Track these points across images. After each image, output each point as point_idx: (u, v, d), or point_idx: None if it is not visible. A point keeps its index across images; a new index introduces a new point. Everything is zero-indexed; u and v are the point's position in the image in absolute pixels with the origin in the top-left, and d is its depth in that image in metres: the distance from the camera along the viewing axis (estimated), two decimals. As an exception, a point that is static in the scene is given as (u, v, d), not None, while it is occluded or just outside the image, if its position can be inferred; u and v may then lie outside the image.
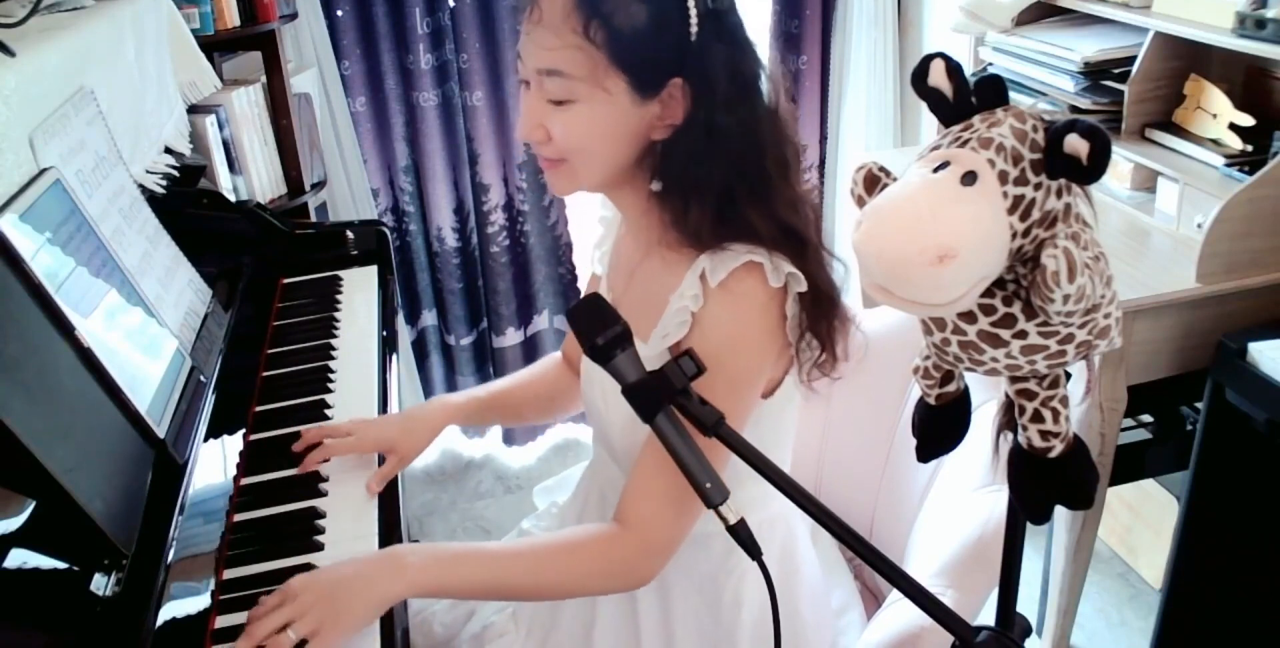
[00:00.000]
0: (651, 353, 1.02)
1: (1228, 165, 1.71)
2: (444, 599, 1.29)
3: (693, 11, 0.95)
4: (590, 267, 1.28)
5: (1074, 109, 1.94)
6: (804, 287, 0.99)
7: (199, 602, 1.00)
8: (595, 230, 1.27)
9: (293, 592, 0.94)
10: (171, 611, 0.95)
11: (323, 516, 1.15)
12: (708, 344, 0.97)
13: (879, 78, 2.50)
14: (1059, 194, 0.74)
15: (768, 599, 0.88)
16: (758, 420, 1.06)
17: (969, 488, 1.14)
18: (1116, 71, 1.92)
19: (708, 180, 0.98)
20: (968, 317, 0.78)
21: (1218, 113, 1.77)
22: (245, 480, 1.21)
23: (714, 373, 0.95)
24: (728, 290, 0.98)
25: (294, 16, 2.11)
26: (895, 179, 0.80)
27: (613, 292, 1.16)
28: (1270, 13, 1.55)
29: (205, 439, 1.18)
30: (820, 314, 1.01)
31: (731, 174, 0.98)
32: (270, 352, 1.50)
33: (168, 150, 1.61)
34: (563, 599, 1.18)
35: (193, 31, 1.78)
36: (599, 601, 1.17)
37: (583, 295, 1.09)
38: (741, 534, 0.86)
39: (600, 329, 0.90)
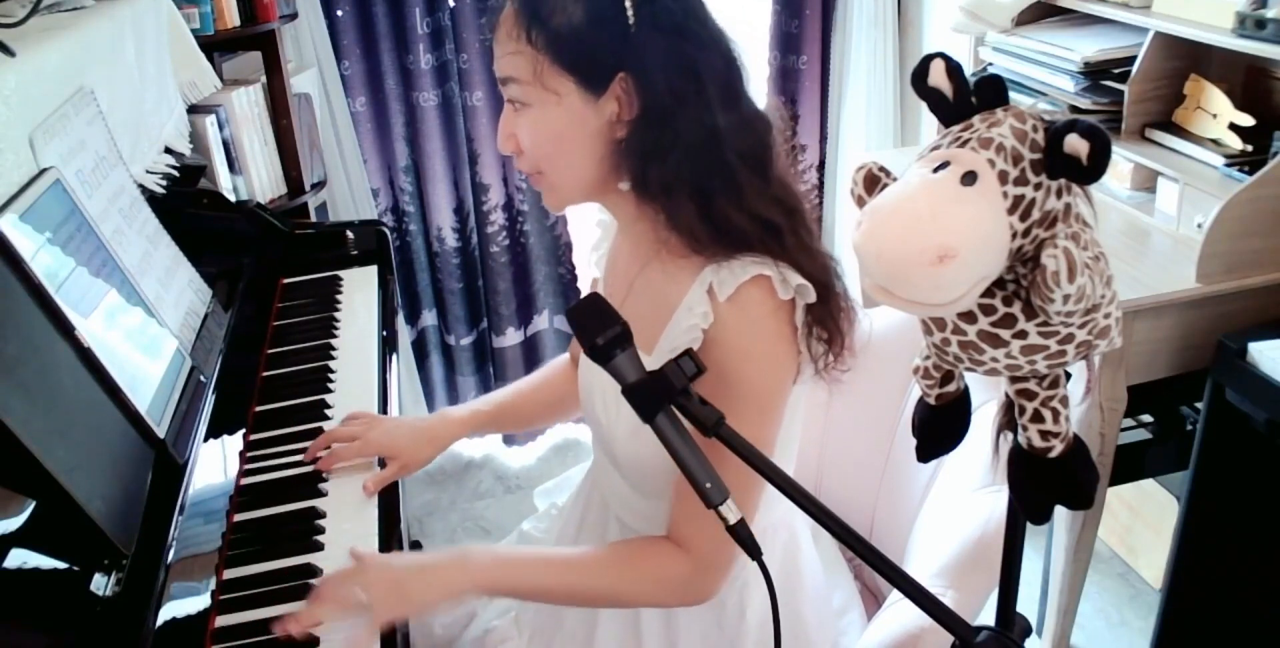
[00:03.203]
0: (656, 364, 1.02)
1: (1228, 165, 1.71)
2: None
3: (627, 2, 0.94)
4: (590, 269, 1.28)
5: (1074, 109, 1.94)
6: (812, 298, 0.98)
7: (199, 602, 1.00)
8: (594, 233, 1.27)
9: (368, 565, 0.99)
10: (171, 611, 0.95)
11: (323, 515, 1.15)
12: (727, 362, 0.97)
13: (879, 78, 2.50)
14: (1059, 194, 0.74)
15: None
16: None
17: (969, 488, 1.14)
18: (1116, 71, 1.92)
19: (673, 175, 0.97)
20: (968, 317, 0.78)
21: (1218, 113, 1.77)
22: (245, 481, 1.21)
23: (740, 388, 0.96)
24: (738, 305, 0.97)
25: (294, 16, 2.11)
26: (895, 179, 0.80)
27: (612, 298, 1.16)
28: (1270, 13, 1.55)
29: (205, 439, 1.18)
30: (823, 308, 1.00)
31: (695, 167, 0.97)
32: (270, 352, 1.50)
33: (168, 150, 1.61)
34: (613, 608, 1.19)
35: (193, 31, 1.78)
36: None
37: (584, 295, 1.09)
38: (741, 534, 0.86)
39: (600, 329, 0.89)
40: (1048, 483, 0.84)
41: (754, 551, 0.86)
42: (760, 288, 0.97)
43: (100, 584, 0.90)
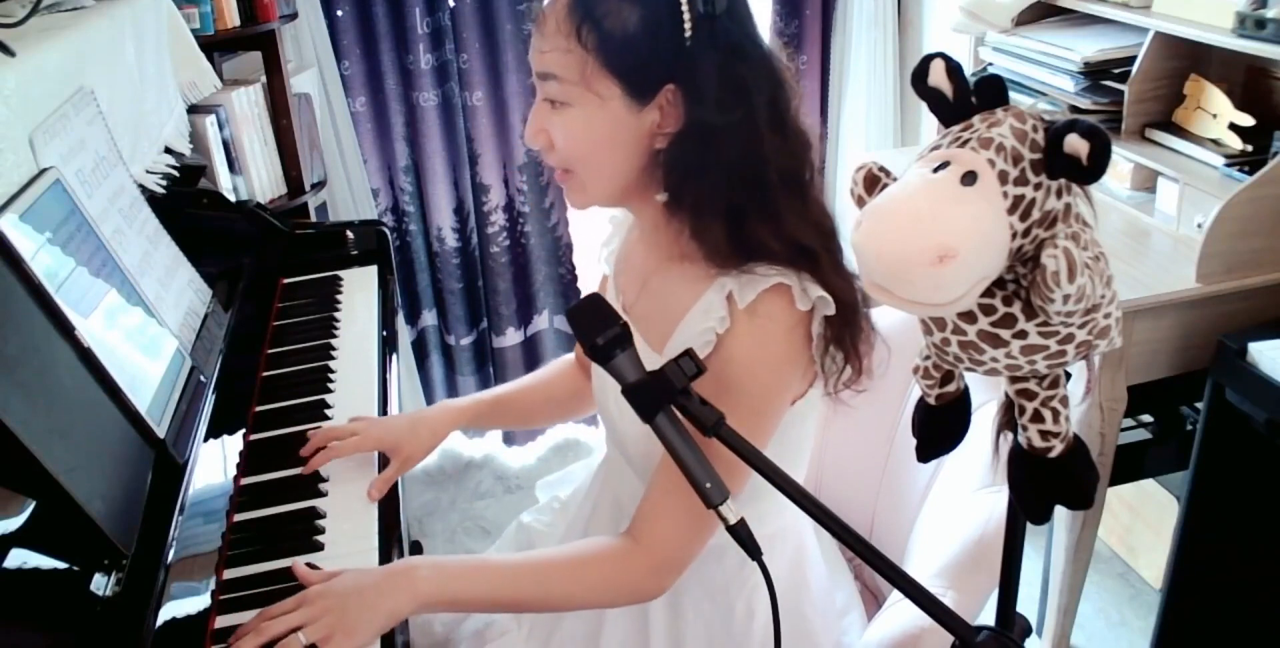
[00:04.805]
0: None
1: (1228, 165, 1.71)
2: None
3: (686, 16, 0.93)
4: (599, 265, 1.27)
5: (1074, 109, 1.94)
6: (832, 310, 0.97)
7: (199, 602, 1.00)
8: (604, 229, 1.26)
9: (308, 598, 0.95)
10: (171, 611, 0.95)
11: (323, 516, 1.15)
12: (732, 367, 0.97)
13: (879, 78, 2.50)
14: (1059, 194, 0.74)
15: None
16: (787, 428, 1.06)
17: (969, 488, 1.14)
18: (1116, 71, 1.92)
19: (711, 193, 0.96)
20: (968, 317, 0.78)
21: (1218, 113, 1.77)
22: (245, 481, 1.21)
23: (737, 396, 0.95)
24: (755, 314, 0.97)
25: (294, 16, 2.11)
26: (895, 179, 0.80)
27: (623, 296, 1.15)
28: (1270, 13, 1.55)
29: (205, 439, 1.18)
30: (843, 328, 0.99)
31: (734, 187, 0.96)
32: (270, 352, 1.50)
33: (168, 150, 1.61)
34: (572, 611, 1.18)
35: (193, 31, 1.78)
36: None
37: (584, 295, 1.09)
38: (741, 534, 0.86)
39: (600, 329, 0.90)
40: (1048, 483, 0.84)
41: (754, 551, 0.86)
42: (780, 297, 0.97)
43: (100, 584, 0.90)
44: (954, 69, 0.77)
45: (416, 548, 2.16)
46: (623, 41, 0.94)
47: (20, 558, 0.85)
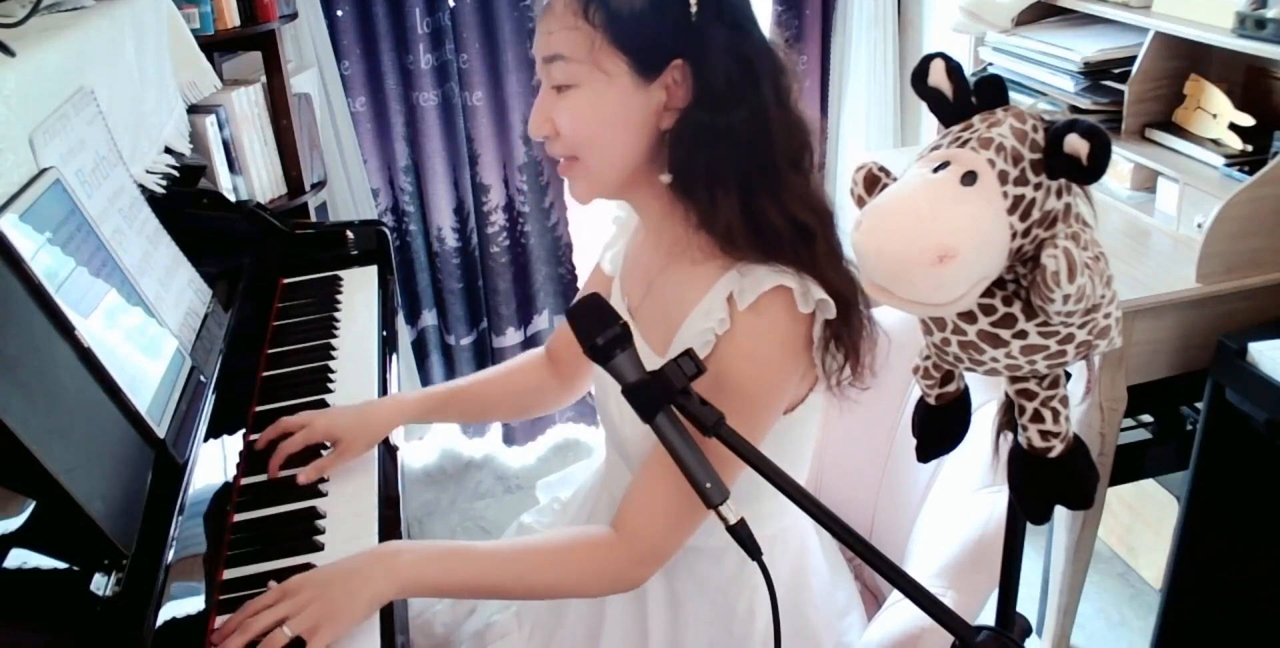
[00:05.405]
0: None
1: (1228, 165, 1.71)
2: (444, 599, 1.29)
3: None
4: (597, 262, 1.26)
5: (1074, 109, 1.94)
6: (833, 313, 0.97)
7: (199, 602, 1.00)
8: (605, 229, 1.26)
9: (289, 589, 0.95)
10: (171, 611, 0.95)
11: (323, 516, 1.15)
12: (728, 368, 0.97)
13: (879, 78, 2.50)
14: (1059, 194, 0.75)
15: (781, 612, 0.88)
16: (787, 431, 1.06)
17: (969, 488, 1.14)
18: (1116, 71, 1.92)
19: (719, 168, 0.96)
20: (968, 317, 0.78)
21: (1218, 113, 1.77)
22: (245, 481, 1.21)
23: (732, 396, 0.95)
24: (755, 314, 0.97)
25: (294, 16, 2.11)
26: (895, 179, 0.80)
27: (628, 298, 1.15)
28: (1270, 13, 1.55)
29: (205, 439, 1.18)
30: (842, 327, 0.99)
31: (742, 162, 0.97)
32: (270, 352, 1.50)
33: (168, 150, 1.61)
34: (552, 599, 1.18)
35: (193, 31, 1.78)
36: (607, 605, 1.17)
37: (583, 292, 1.08)
38: (741, 534, 0.86)
39: (600, 329, 0.90)
40: (1048, 483, 0.84)
41: (754, 551, 0.86)
42: (781, 299, 0.97)
43: (100, 584, 0.90)
44: (954, 69, 0.77)
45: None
46: (630, 17, 0.95)
47: (20, 558, 0.85)
